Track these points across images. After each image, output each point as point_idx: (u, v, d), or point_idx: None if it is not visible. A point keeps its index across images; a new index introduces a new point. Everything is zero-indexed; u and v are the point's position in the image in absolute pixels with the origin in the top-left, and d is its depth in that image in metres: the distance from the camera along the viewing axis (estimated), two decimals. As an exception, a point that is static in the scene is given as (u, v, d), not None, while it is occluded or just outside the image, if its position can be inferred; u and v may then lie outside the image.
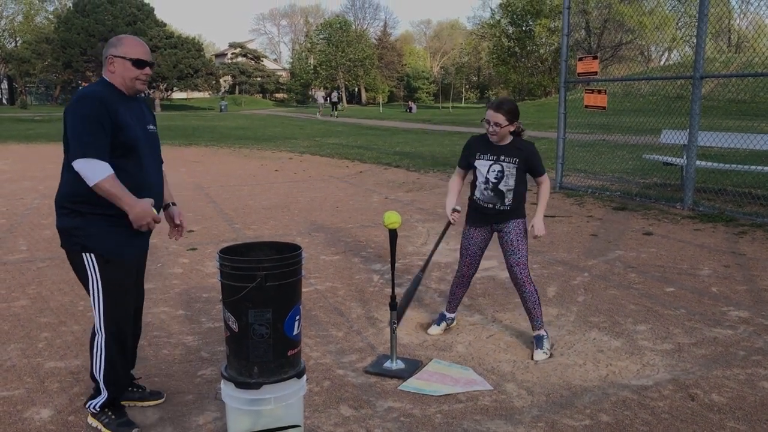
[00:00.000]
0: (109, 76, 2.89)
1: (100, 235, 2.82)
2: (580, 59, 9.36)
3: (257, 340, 2.50)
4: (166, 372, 3.60)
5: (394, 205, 8.63)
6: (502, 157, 3.75)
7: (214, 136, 21.68)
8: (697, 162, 8.05)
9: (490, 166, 3.77)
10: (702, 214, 7.65)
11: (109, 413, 2.96)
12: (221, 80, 67.06)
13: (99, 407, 2.97)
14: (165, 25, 57.71)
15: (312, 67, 71.86)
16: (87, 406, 3.01)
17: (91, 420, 3.00)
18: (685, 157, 8.16)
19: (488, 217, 3.87)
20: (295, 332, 2.58)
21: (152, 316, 4.44)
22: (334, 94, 44.77)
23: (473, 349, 3.90)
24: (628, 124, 10.74)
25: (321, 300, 4.81)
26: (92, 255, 2.83)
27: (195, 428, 2.99)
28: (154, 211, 2.83)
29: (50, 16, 62.81)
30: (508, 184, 3.75)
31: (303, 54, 75.87)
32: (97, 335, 2.93)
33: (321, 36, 70.62)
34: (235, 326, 2.52)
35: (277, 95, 76.51)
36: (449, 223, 3.95)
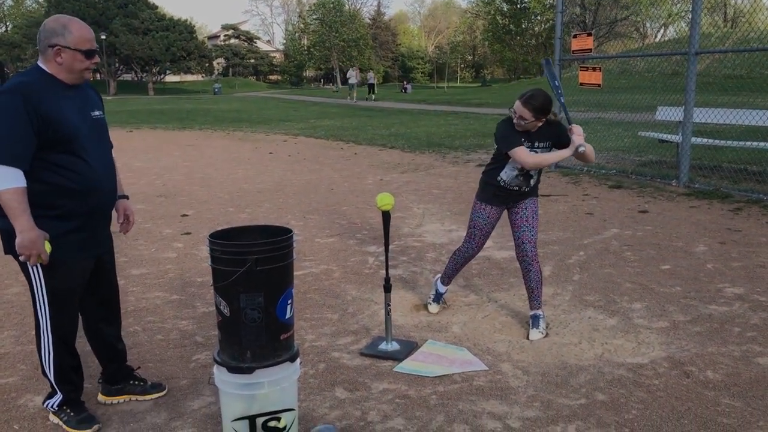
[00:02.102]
0: (51, 67, 2.64)
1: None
2: (575, 36, 9.28)
3: (249, 325, 2.47)
4: (160, 357, 3.58)
5: (389, 187, 8.60)
6: (537, 143, 3.67)
7: (207, 120, 21.57)
8: (693, 139, 8.03)
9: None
10: (697, 191, 7.63)
11: (68, 410, 2.87)
12: (214, 63, 66.67)
13: (57, 406, 2.89)
14: (156, 7, 57.23)
15: (305, 48, 71.41)
16: (44, 405, 2.93)
17: (52, 418, 2.92)
18: (680, 134, 8.13)
19: (509, 198, 3.82)
20: (288, 316, 2.56)
21: (146, 301, 4.43)
22: (371, 75, 39.37)
23: (468, 330, 3.89)
24: (623, 102, 10.68)
25: (316, 282, 4.79)
26: None
27: (190, 413, 2.99)
28: (47, 248, 2.59)
29: (40, 0, 62.16)
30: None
31: (296, 35, 75.42)
32: (42, 337, 2.79)
33: (314, 16, 70.08)
34: (226, 311, 2.49)
35: (271, 77, 76.14)
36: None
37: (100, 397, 3.12)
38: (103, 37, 51.09)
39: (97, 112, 2.82)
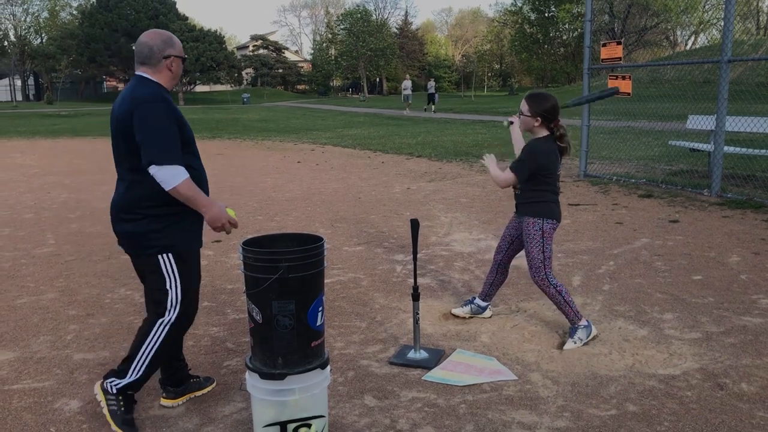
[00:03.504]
0: (162, 76, 2.89)
1: (176, 234, 2.85)
2: (604, 45, 9.22)
3: (281, 332, 2.51)
4: (192, 363, 3.62)
5: (416, 196, 8.61)
6: (520, 153, 3.77)
7: (237, 129, 21.81)
8: (725, 147, 7.91)
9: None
10: (730, 200, 7.52)
11: (122, 402, 2.90)
12: (243, 73, 67.46)
13: (118, 389, 2.90)
14: (187, 18, 58.19)
15: (333, 57, 71.91)
16: (105, 380, 2.93)
17: (98, 393, 2.92)
18: (712, 142, 8.02)
19: (517, 205, 3.88)
20: (319, 323, 2.58)
21: (178, 308, 4.49)
22: (431, 84, 34.48)
23: (497, 339, 3.88)
24: (653, 110, 10.58)
25: (344, 291, 4.82)
26: (170, 255, 2.85)
27: (221, 418, 3.02)
28: (232, 213, 2.94)
29: (74, 12, 63.54)
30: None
31: (324, 45, 75.98)
32: (157, 328, 2.89)
33: (342, 26, 70.61)
34: (258, 318, 2.53)
35: (299, 87, 76.78)
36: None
37: (166, 402, 3.14)
38: (135, 47, 51.98)
39: None
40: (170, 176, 2.71)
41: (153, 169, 2.70)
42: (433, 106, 31.20)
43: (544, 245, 3.73)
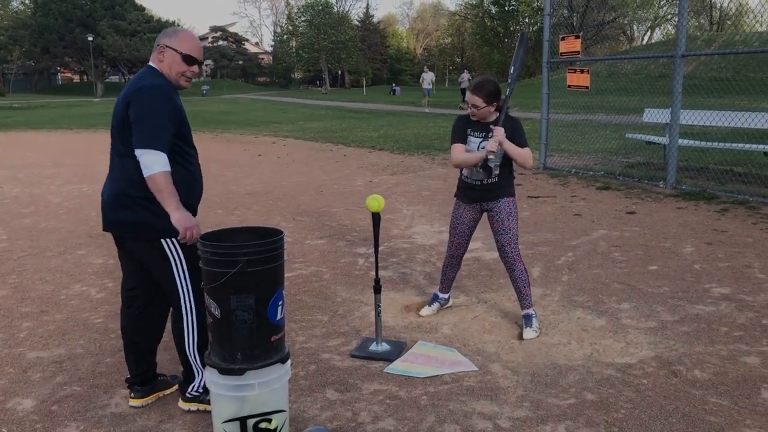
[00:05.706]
0: (157, 64, 2.86)
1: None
2: (563, 39, 9.33)
3: (240, 326, 2.48)
4: (150, 359, 3.56)
5: (378, 189, 8.61)
6: (490, 135, 3.74)
7: (196, 122, 21.47)
8: (680, 140, 8.09)
9: (480, 143, 3.77)
10: (684, 192, 7.70)
11: (203, 388, 2.97)
12: (202, 64, 66.54)
13: (202, 388, 2.97)
14: (144, 9, 57.00)
15: (294, 50, 71.38)
16: (184, 392, 3.00)
17: (188, 405, 3.00)
18: (667, 135, 8.19)
19: (476, 194, 3.87)
20: (278, 317, 2.56)
21: (136, 304, 4.41)
22: (464, 76, 30.31)
23: (458, 331, 3.91)
24: (611, 104, 10.76)
25: (306, 284, 4.79)
26: (172, 239, 2.78)
27: (180, 415, 2.98)
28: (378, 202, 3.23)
29: (26, 1, 61.75)
30: (495, 160, 3.74)
31: (285, 37, 75.35)
32: (185, 317, 2.89)
33: (302, 18, 70.09)
34: (217, 312, 2.49)
35: (260, 79, 76.07)
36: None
37: (135, 402, 3.07)
38: (90, 38, 50.81)
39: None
40: (152, 162, 2.62)
41: (140, 152, 2.64)
42: (464, 104, 28.15)
43: (517, 220, 3.87)
